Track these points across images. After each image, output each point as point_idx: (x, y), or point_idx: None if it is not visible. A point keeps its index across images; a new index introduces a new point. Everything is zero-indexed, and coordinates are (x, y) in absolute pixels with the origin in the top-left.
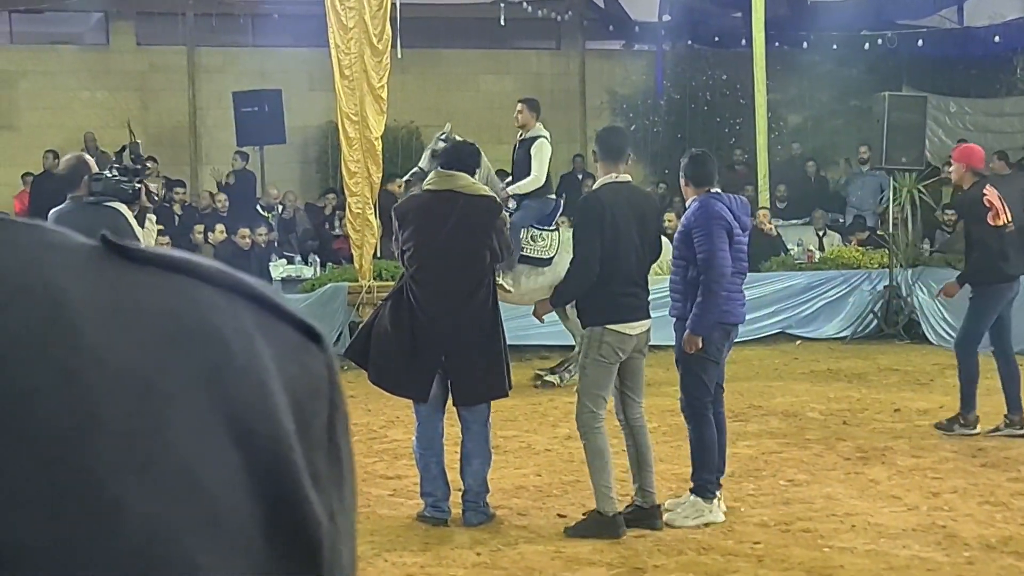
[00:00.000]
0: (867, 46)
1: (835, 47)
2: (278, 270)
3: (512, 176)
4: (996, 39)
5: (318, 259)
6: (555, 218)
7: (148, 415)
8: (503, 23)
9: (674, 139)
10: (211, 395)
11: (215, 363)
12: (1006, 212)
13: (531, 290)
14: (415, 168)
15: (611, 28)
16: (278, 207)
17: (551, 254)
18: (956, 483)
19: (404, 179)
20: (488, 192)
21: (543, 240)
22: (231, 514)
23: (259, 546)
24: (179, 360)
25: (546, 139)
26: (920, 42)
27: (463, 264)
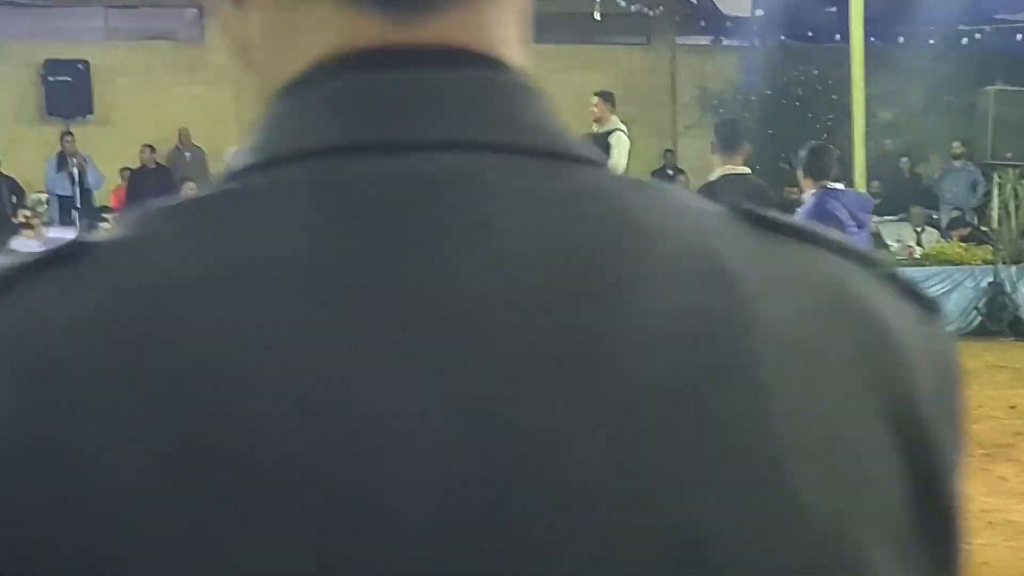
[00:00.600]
0: (964, 41)
1: (931, 42)
2: None
3: None
4: None
5: None
6: None
7: (819, 397)
8: (599, 18)
9: (765, 135)
10: (869, 373)
11: (870, 339)
12: None
13: None
14: None
15: (702, 23)
16: None
17: None
18: None
19: None
20: None
21: None
22: (890, 503)
23: (909, 535)
24: (841, 336)
25: (623, 132)
26: (1020, 37)
27: None
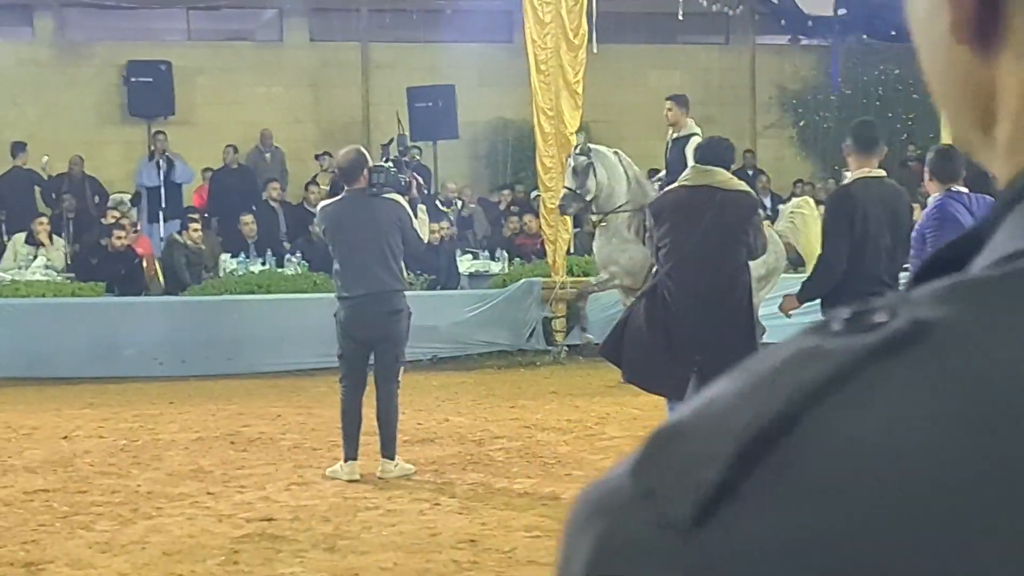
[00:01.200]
0: None
1: None
2: (464, 264)
3: (667, 175)
4: None
5: (506, 254)
6: None
7: None
8: (681, 18)
9: (845, 135)
10: None
11: None
12: None
13: None
14: (564, 190)
15: (783, 22)
16: (457, 202)
17: None
18: None
19: (558, 203)
20: (745, 187)
21: None
22: None
23: None
24: None
25: (699, 137)
26: None
27: (719, 261)
